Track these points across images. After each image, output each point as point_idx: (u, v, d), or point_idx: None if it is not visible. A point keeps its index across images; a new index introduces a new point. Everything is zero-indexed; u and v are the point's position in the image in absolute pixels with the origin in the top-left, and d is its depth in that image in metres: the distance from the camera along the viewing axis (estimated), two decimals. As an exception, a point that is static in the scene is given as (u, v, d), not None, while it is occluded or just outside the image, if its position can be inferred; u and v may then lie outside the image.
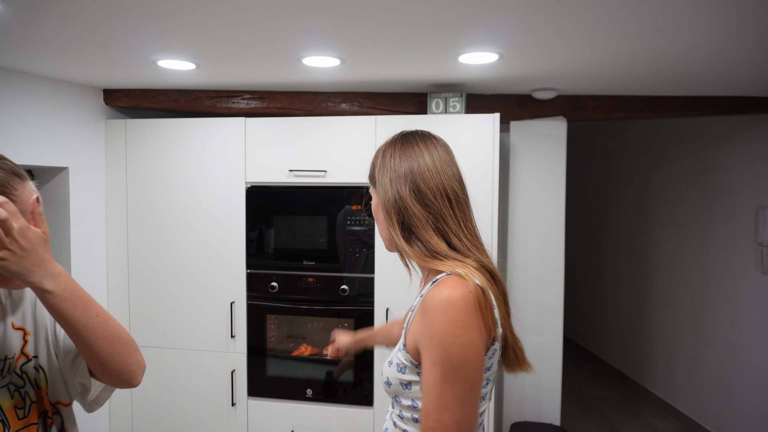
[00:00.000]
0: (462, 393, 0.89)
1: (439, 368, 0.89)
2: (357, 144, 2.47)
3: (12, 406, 0.91)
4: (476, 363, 0.90)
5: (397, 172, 1.04)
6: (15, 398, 0.92)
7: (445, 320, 0.89)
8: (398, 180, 1.03)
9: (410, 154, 1.05)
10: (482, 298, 0.92)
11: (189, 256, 2.63)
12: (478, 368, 0.90)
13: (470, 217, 1.06)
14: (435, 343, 0.90)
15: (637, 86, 2.48)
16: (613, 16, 1.49)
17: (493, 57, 1.96)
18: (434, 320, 0.90)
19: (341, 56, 1.98)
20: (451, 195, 1.02)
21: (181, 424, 2.68)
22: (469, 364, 0.89)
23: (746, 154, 3.06)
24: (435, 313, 0.90)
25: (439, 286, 0.93)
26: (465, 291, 0.91)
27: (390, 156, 1.07)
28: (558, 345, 2.79)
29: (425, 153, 1.05)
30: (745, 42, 1.73)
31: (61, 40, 1.77)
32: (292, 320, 2.64)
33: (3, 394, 0.90)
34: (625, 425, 3.57)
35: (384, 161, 1.07)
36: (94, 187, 2.64)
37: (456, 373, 0.88)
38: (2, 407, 0.90)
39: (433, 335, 0.90)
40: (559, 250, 2.78)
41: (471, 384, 0.90)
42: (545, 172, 2.79)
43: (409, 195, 1.01)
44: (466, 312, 0.89)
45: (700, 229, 3.46)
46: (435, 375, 0.89)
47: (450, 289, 0.91)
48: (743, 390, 3.07)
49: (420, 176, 1.02)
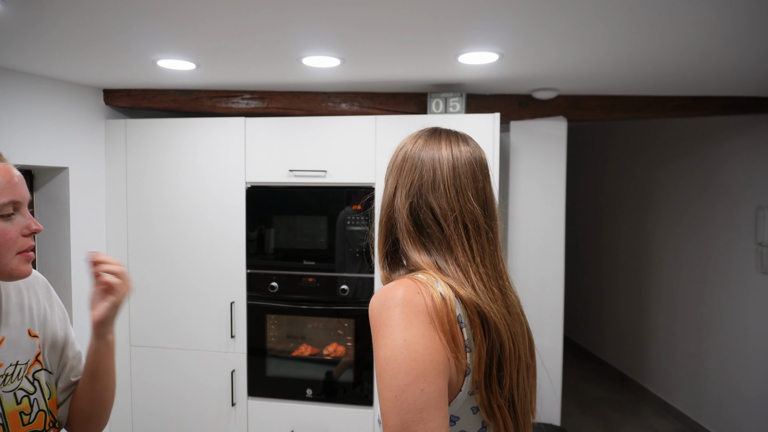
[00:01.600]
0: (384, 407, 0.72)
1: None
2: (357, 144, 2.47)
3: (17, 412, 0.90)
4: (405, 366, 0.71)
5: (406, 175, 0.87)
6: (22, 404, 0.91)
7: (377, 321, 0.75)
8: (403, 185, 0.87)
9: (428, 156, 0.87)
10: (434, 301, 0.75)
11: (189, 256, 2.63)
12: (407, 373, 0.71)
13: (491, 253, 0.86)
14: (373, 351, 0.76)
15: (637, 86, 2.48)
16: (613, 16, 1.49)
17: (493, 57, 1.96)
18: (371, 324, 0.77)
19: (341, 56, 1.98)
20: (468, 221, 0.84)
21: (181, 423, 2.67)
22: (395, 368, 0.71)
23: (746, 154, 3.06)
24: (371, 315, 0.77)
25: (381, 288, 0.79)
26: (407, 290, 0.76)
27: (405, 153, 0.90)
28: (558, 345, 2.79)
29: (445, 162, 0.86)
30: (745, 42, 1.73)
31: (62, 40, 1.77)
32: (292, 320, 2.64)
33: (8, 399, 0.89)
34: (625, 425, 3.57)
35: (396, 160, 0.91)
36: (94, 187, 2.64)
37: (380, 380, 0.73)
38: (5, 411, 0.89)
39: (373, 343, 0.77)
40: (559, 250, 2.78)
41: (395, 393, 0.71)
42: (545, 171, 2.79)
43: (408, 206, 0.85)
44: (401, 311, 0.74)
45: (700, 229, 3.46)
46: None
47: (387, 289, 0.77)
48: (743, 390, 3.07)
49: (433, 189, 0.84)
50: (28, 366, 0.94)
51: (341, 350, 2.59)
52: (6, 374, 0.90)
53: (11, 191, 0.85)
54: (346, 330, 2.60)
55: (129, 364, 2.71)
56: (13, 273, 0.88)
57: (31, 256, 0.90)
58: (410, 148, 0.89)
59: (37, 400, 0.94)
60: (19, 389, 0.91)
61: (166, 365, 2.68)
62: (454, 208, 0.83)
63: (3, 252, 0.85)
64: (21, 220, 0.88)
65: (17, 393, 0.91)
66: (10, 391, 0.90)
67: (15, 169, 0.89)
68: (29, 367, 0.94)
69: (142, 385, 2.70)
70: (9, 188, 0.85)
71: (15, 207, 0.87)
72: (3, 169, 0.86)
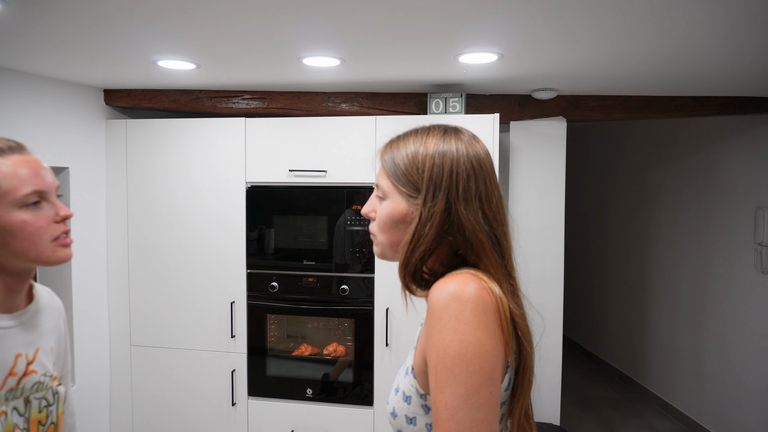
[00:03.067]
0: (452, 402, 0.71)
1: (433, 372, 0.74)
2: (357, 144, 2.47)
3: (36, 420, 0.92)
4: (479, 367, 0.72)
5: (464, 187, 0.82)
6: (42, 413, 0.92)
7: (446, 314, 0.74)
8: (463, 198, 0.82)
9: (476, 163, 0.84)
10: (500, 302, 0.76)
11: (189, 256, 2.63)
12: (481, 374, 0.72)
13: (511, 256, 0.87)
14: (433, 342, 0.74)
15: (637, 86, 2.48)
16: (613, 16, 1.49)
17: (492, 57, 1.96)
18: (434, 316, 0.75)
19: (341, 56, 1.99)
20: (506, 226, 0.86)
21: (181, 423, 2.68)
22: (469, 367, 0.72)
23: (746, 154, 3.06)
24: (437, 307, 0.75)
25: (445, 280, 0.77)
26: (479, 286, 0.75)
27: (451, 160, 0.83)
28: (558, 345, 2.79)
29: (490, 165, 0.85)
30: (745, 42, 1.73)
31: (62, 40, 1.77)
32: (293, 320, 2.64)
33: (35, 406, 0.91)
34: (624, 425, 3.57)
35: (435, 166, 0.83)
36: (94, 187, 2.64)
37: (450, 375, 0.72)
38: (30, 417, 0.90)
39: (433, 334, 0.74)
40: (558, 249, 2.78)
41: (469, 391, 0.71)
42: (545, 172, 2.79)
43: (481, 221, 0.82)
44: (473, 306, 0.73)
45: (699, 228, 3.46)
46: (431, 382, 0.74)
47: (459, 282, 0.76)
48: (743, 390, 3.07)
49: (487, 199, 0.83)
50: (52, 380, 0.96)
51: (341, 350, 2.59)
52: (40, 382, 0.92)
53: (35, 181, 0.86)
54: (346, 330, 2.60)
55: (129, 364, 2.71)
56: (51, 260, 0.89)
57: (67, 241, 0.91)
58: (455, 153, 0.83)
59: (52, 413, 0.96)
60: (43, 399, 0.93)
61: (166, 365, 2.68)
62: (504, 216, 0.85)
63: (36, 240, 0.86)
64: (50, 207, 0.89)
65: (41, 402, 0.93)
66: (38, 399, 0.92)
67: (40, 160, 0.91)
68: (53, 380, 0.97)
69: (142, 384, 2.70)
70: (33, 178, 0.86)
71: (41, 196, 0.88)
72: (26, 160, 0.88)
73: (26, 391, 0.89)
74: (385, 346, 2.49)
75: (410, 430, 0.82)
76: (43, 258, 0.88)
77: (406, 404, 0.83)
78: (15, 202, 0.83)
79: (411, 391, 0.82)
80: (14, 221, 0.83)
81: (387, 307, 2.48)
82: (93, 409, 2.66)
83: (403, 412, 0.83)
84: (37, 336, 0.94)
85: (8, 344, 0.87)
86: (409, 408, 0.82)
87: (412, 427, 0.82)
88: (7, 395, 0.85)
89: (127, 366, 2.71)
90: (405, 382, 0.84)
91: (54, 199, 0.91)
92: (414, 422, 0.82)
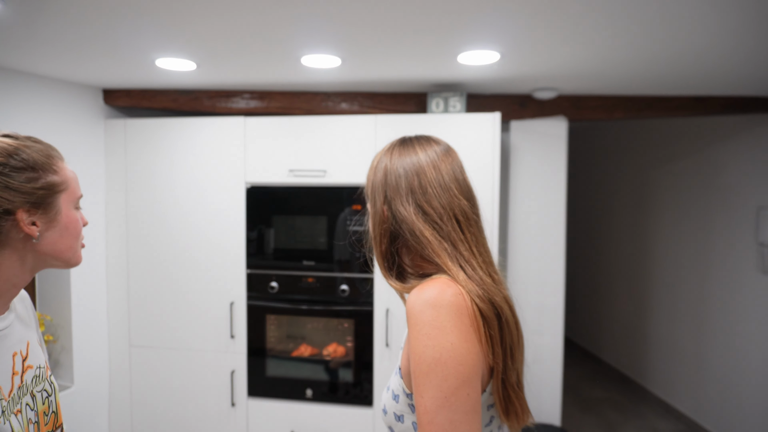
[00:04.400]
0: (431, 405, 0.74)
1: (413, 376, 0.77)
2: (357, 144, 2.46)
3: (42, 412, 0.97)
4: (454, 370, 0.75)
5: (396, 187, 0.89)
6: (45, 404, 0.98)
7: (421, 320, 0.77)
8: (397, 196, 0.89)
9: (408, 164, 0.90)
10: (474, 304, 0.79)
11: (189, 256, 2.63)
12: (456, 377, 0.75)
13: (483, 241, 0.89)
14: (411, 348, 0.77)
15: (638, 86, 2.47)
16: (613, 16, 1.49)
17: (493, 57, 1.96)
18: (411, 322, 0.78)
19: (341, 56, 1.98)
20: (459, 215, 0.87)
21: (180, 424, 2.67)
22: (444, 371, 0.74)
23: (747, 154, 3.05)
24: (413, 313, 0.78)
25: (421, 287, 0.81)
26: (454, 291, 0.78)
27: (385, 166, 0.92)
28: (558, 345, 2.78)
29: (425, 164, 0.89)
30: (746, 42, 1.73)
31: (61, 39, 1.77)
32: (292, 320, 2.63)
33: (38, 399, 0.96)
34: (625, 425, 3.56)
35: (377, 173, 0.93)
36: (93, 186, 2.63)
37: (427, 380, 0.75)
38: (38, 410, 0.96)
39: (411, 339, 0.78)
40: (559, 250, 2.77)
41: (446, 394, 0.74)
42: (546, 171, 2.78)
43: (415, 214, 0.86)
44: (447, 312, 0.76)
45: (700, 229, 3.45)
46: (413, 386, 0.77)
47: (434, 288, 0.79)
48: (744, 390, 3.06)
49: (422, 193, 0.87)
50: (46, 369, 1.01)
51: (341, 350, 2.59)
52: (36, 375, 0.97)
53: (78, 187, 0.96)
54: (345, 330, 2.59)
55: (129, 364, 2.70)
56: (77, 260, 0.97)
57: (84, 245, 0.99)
58: (389, 161, 0.92)
59: (52, 403, 1.00)
60: (43, 390, 0.98)
61: (166, 365, 2.67)
62: (445, 206, 0.87)
63: (77, 239, 0.94)
64: (80, 213, 0.98)
65: (42, 393, 0.98)
66: (39, 391, 0.97)
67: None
68: (46, 371, 1.01)
69: (142, 385, 2.70)
70: (77, 185, 0.96)
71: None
72: (70, 169, 0.96)
73: (29, 386, 0.94)
74: (384, 346, 2.49)
75: (399, 427, 0.87)
76: (75, 258, 0.96)
77: (395, 402, 0.86)
78: (74, 202, 0.94)
79: (399, 390, 0.86)
80: (72, 218, 0.93)
81: (387, 308, 2.47)
82: (92, 410, 2.66)
83: (392, 410, 0.87)
84: (24, 331, 0.98)
85: (5, 345, 0.90)
86: (397, 406, 0.86)
87: (400, 424, 0.86)
88: (18, 393, 0.90)
89: (126, 366, 2.71)
90: (394, 381, 0.88)
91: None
92: (402, 419, 0.86)
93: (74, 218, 0.93)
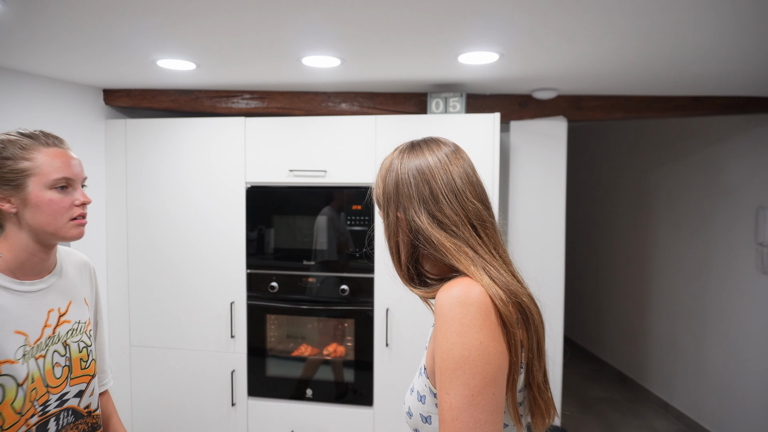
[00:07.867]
0: (456, 403, 0.74)
1: (438, 374, 0.76)
2: (357, 144, 2.47)
3: (78, 359, 1.16)
4: (481, 369, 0.74)
5: (408, 196, 0.87)
6: (83, 353, 1.18)
7: (450, 317, 0.76)
8: (410, 206, 0.87)
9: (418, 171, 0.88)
10: (504, 306, 0.78)
11: (189, 256, 2.63)
12: (483, 375, 0.74)
13: (500, 241, 0.89)
14: (438, 345, 0.77)
15: (638, 86, 2.48)
16: (613, 16, 1.49)
17: (493, 57, 1.96)
18: (440, 319, 0.78)
19: (341, 56, 1.98)
20: (474, 220, 0.86)
21: (181, 424, 2.67)
22: (472, 369, 0.74)
23: (746, 154, 3.06)
24: (442, 310, 0.78)
25: (450, 285, 0.80)
26: (481, 290, 0.78)
27: (395, 175, 0.89)
28: (558, 345, 2.79)
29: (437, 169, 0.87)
30: (745, 42, 1.73)
31: (62, 40, 1.77)
32: (292, 320, 2.64)
33: (74, 347, 1.16)
34: (625, 425, 3.57)
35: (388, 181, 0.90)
36: (93, 186, 2.63)
37: (454, 377, 0.74)
38: (71, 356, 1.15)
39: (438, 337, 0.77)
40: (559, 250, 2.77)
41: (472, 392, 0.74)
42: (545, 172, 2.78)
43: (429, 223, 0.85)
44: (476, 310, 0.76)
45: (700, 229, 3.46)
46: (438, 384, 0.77)
47: (463, 286, 0.78)
48: (743, 390, 3.07)
49: (434, 201, 0.85)
50: (86, 324, 1.21)
51: (341, 350, 2.59)
52: (73, 329, 1.17)
53: (65, 170, 1.09)
54: (346, 330, 2.60)
55: (129, 364, 2.71)
56: (66, 235, 1.10)
57: (82, 222, 1.13)
58: (399, 168, 0.90)
59: (92, 351, 1.21)
60: (81, 341, 1.18)
61: (166, 365, 2.67)
62: (459, 212, 0.85)
63: (57, 217, 1.08)
64: (74, 193, 1.11)
65: (80, 344, 1.17)
66: (75, 342, 1.16)
67: (72, 153, 1.14)
68: (87, 326, 1.21)
69: (142, 385, 2.70)
70: (64, 168, 1.09)
71: (68, 183, 1.10)
72: (61, 152, 1.11)
73: (62, 337, 1.13)
74: (385, 346, 2.49)
75: (426, 429, 0.85)
76: (61, 233, 1.09)
77: (421, 404, 0.85)
78: (47, 184, 1.07)
79: (425, 390, 0.85)
80: (43, 198, 1.06)
81: (387, 308, 2.48)
82: (92, 410, 2.66)
83: (418, 411, 0.85)
84: (69, 290, 1.19)
85: (42, 302, 1.10)
86: (424, 407, 0.84)
87: (428, 426, 0.85)
88: (46, 342, 1.09)
89: (127, 366, 2.71)
90: (419, 382, 0.87)
91: (78, 187, 1.13)
92: (429, 421, 0.84)
93: (45, 198, 1.06)
